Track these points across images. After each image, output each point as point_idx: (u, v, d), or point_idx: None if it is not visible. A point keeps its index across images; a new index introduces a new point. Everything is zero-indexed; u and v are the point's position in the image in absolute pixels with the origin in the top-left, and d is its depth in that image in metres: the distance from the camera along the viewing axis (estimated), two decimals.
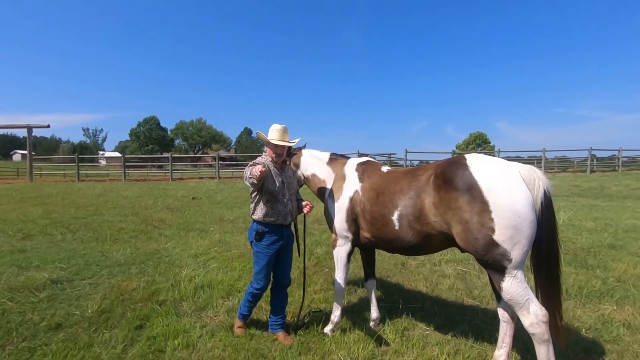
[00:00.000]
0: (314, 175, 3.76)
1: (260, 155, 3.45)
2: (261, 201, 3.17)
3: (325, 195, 3.55)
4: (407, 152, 23.50)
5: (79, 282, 4.60)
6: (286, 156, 3.92)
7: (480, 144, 66.13)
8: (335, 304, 3.43)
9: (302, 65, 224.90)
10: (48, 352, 3.00)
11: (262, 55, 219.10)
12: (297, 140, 3.34)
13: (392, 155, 25.50)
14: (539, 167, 2.67)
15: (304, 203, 3.34)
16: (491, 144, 65.98)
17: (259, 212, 3.17)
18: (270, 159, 3.25)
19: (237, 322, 3.44)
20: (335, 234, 3.34)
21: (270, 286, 3.41)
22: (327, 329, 3.39)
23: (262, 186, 3.11)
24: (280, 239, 3.23)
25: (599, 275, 4.78)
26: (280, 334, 3.27)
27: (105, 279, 4.71)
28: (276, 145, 3.19)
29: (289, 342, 3.16)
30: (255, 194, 3.19)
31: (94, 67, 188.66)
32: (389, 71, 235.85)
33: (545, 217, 2.38)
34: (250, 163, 3.17)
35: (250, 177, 2.87)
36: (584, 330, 3.41)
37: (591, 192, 14.43)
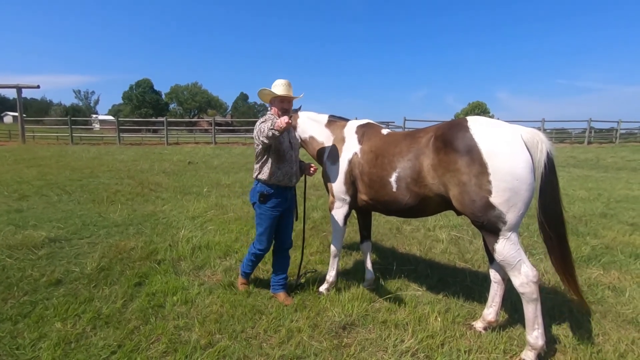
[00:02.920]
0: (311, 137, 3.70)
1: (259, 119, 3.31)
2: (268, 161, 3.09)
3: (323, 157, 3.51)
4: (405, 120, 23.23)
5: (77, 241, 4.64)
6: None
7: (479, 113, 65.45)
8: (330, 264, 3.50)
9: (300, 27, 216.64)
10: (50, 306, 3.07)
11: (259, 17, 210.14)
12: (301, 95, 3.27)
13: (390, 124, 25.23)
14: None
15: (308, 164, 3.34)
16: (490, 114, 65.33)
17: (265, 173, 3.10)
18: (276, 118, 3.10)
19: (240, 279, 3.52)
20: (333, 196, 3.34)
21: (272, 248, 3.44)
22: (323, 288, 3.48)
23: (270, 145, 3.02)
24: (284, 201, 3.22)
25: (589, 242, 4.89)
26: (281, 294, 3.32)
27: (103, 239, 4.76)
28: (282, 100, 3.11)
29: (289, 303, 3.21)
30: (261, 154, 3.11)
31: (83, 26, 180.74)
32: (389, 36, 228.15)
33: (549, 179, 2.37)
34: (261, 120, 3.05)
35: (272, 129, 2.70)
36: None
37: (587, 163, 14.50)
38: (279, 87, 3.11)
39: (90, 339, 2.66)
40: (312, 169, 3.37)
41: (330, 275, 3.49)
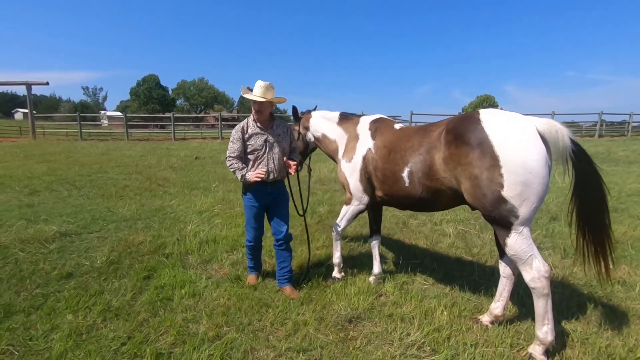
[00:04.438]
0: (324, 135, 3.74)
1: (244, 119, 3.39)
2: (246, 158, 3.28)
3: (338, 155, 3.55)
4: (412, 114, 23.01)
5: (87, 235, 4.71)
6: (294, 119, 3.93)
7: (487, 107, 64.69)
8: (334, 247, 3.61)
9: (305, 22, 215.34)
10: (61, 298, 3.13)
11: (265, 13, 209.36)
12: (279, 98, 3.21)
13: (397, 118, 25.03)
14: None
15: (291, 163, 3.24)
16: (499, 107, 64.49)
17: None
18: (252, 118, 3.26)
19: (249, 277, 3.59)
20: (350, 193, 3.38)
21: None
22: (335, 272, 3.60)
23: (245, 146, 3.21)
24: (263, 195, 3.31)
25: None
26: (287, 288, 3.36)
27: (113, 233, 4.83)
28: (254, 102, 3.16)
29: (296, 296, 3.24)
30: None
31: (90, 23, 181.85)
32: (394, 31, 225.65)
33: (584, 164, 2.30)
34: (236, 128, 3.22)
35: (242, 179, 3.19)
36: (579, 286, 3.49)
37: (597, 156, 14.25)
38: (255, 89, 3.16)
39: (101, 331, 2.71)
40: (291, 169, 3.23)
41: (336, 257, 3.59)
